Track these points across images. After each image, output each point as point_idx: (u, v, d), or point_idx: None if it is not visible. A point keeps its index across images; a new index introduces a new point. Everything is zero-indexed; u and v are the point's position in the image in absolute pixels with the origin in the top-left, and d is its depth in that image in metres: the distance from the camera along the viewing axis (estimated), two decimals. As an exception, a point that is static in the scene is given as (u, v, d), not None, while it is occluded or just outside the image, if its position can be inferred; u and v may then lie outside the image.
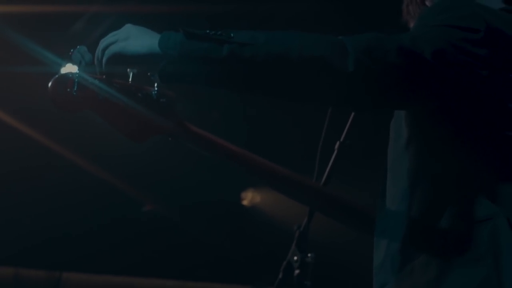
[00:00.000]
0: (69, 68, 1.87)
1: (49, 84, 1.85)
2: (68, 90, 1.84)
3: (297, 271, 2.06)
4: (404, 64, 1.65)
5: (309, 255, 2.09)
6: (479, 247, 1.67)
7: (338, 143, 2.28)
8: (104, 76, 1.87)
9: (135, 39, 1.77)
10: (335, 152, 2.28)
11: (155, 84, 1.90)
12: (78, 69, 1.86)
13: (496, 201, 1.70)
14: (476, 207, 1.70)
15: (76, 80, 1.84)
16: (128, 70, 1.86)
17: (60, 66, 1.88)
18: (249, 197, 6.57)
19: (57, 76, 1.86)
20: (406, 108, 1.82)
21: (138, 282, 6.69)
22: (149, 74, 1.86)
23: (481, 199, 1.71)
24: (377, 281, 1.85)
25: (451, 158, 1.76)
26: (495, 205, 1.69)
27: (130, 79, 1.87)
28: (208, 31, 1.68)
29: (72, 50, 1.87)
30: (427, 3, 2.02)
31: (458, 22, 1.72)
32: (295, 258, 2.07)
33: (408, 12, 2.10)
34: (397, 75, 1.66)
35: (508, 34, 1.74)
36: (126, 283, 6.69)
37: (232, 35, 1.67)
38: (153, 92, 1.91)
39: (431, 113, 1.77)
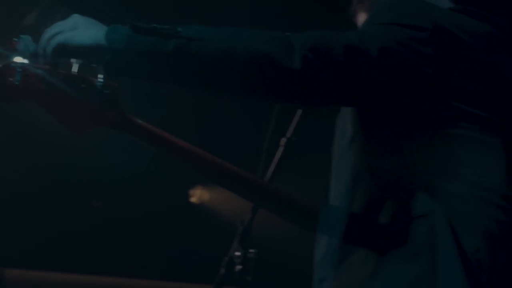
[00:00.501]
0: (13, 58, 1.84)
1: None
2: (11, 79, 1.81)
3: (239, 267, 2.06)
4: (350, 61, 1.67)
5: (251, 251, 2.09)
6: (416, 242, 1.69)
7: (284, 139, 2.29)
8: (48, 66, 1.84)
9: (81, 30, 1.76)
10: (281, 148, 2.28)
11: (100, 76, 1.89)
12: (22, 59, 1.83)
13: (435, 198, 1.72)
14: (415, 203, 1.72)
15: (19, 69, 1.81)
16: (73, 60, 1.84)
17: (6, 56, 1.85)
18: (197, 194, 6.55)
19: None
20: (351, 104, 1.84)
21: (80, 279, 6.62)
22: (94, 65, 1.85)
23: (420, 195, 1.73)
24: (317, 276, 1.86)
25: (392, 154, 1.78)
26: (434, 201, 1.71)
27: (74, 70, 1.85)
28: (155, 25, 1.68)
29: (16, 40, 1.84)
30: None
31: (406, 20, 1.75)
32: (237, 253, 2.08)
33: (360, 1, 2.11)
34: (343, 72, 1.68)
35: (455, 33, 1.77)
36: (69, 280, 6.62)
37: (179, 30, 1.68)
38: (97, 84, 1.89)
39: (375, 110, 1.79)
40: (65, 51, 1.77)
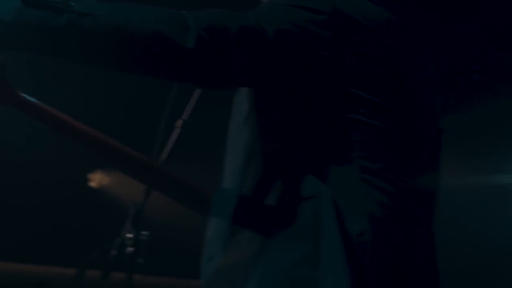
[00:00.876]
0: None
1: None
2: None
3: (130, 249, 2.04)
4: (245, 42, 1.67)
5: (144, 233, 2.07)
6: (301, 224, 1.70)
7: (180, 121, 2.26)
8: None
9: None
10: (177, 130, 2.26)
11: None
12: None
13: (323, 180, 1.73)
14: (303, 185, 1.73)
15: None
16: None
17: None
18: (97, 178, 6.46)
19: None
20: (247, 85, 1.84)
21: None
22: None
23: (308, 177, 1.74)
24: (206, 254, 1.86)
25: (284, 135, 1.79)
26: (322, 183, 1.73)
27: None
28: None
29: None
30: None
31: (305, 3, 1.75)
32: (129, 235, 2.05)
33: None
34: (238, 54, 1.67)
35: (354, 18, 1.78)
36: None
37: (71, 4, 1.63)
38: None
39: (270, 90, 1.79)
40: None
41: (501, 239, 7.30)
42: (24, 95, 1.92)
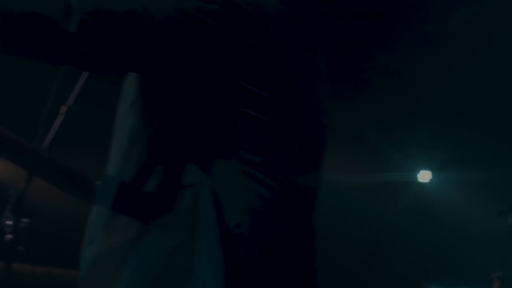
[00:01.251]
0: None
1: None
2: None
3: (9, 236, 1.99)
4: (130, 28, 1.65)
5: (24, 220, 2.03)
6: (179, 212, 1.70)
7: (64, 107, 2.22)
8: None
9: None
10: (61, 117, 2.21)
11: None
12: None
13: (205, 169, 1.73)
14: (184, 173, 1.73)
15: None
16: None
17: None
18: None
19: None
20: (132, 71, 1.83)
21: None
22: None
23: (190, 165, 1.73)
24: (87, 238, 1.84)
25: (169, 123, 1.77)
26: (203, 173, 1.73)
27: None
28: None
29: None
30: None
31: None
32: (9, 222, 2.01)
33: None
34: (123, 40, 1.65)
35: (247, 10, 1.77)
36: None
37: None
38: None
39: (155, 76, 1.78)
40: None
41: (385, 235, 7.52)
42: None
